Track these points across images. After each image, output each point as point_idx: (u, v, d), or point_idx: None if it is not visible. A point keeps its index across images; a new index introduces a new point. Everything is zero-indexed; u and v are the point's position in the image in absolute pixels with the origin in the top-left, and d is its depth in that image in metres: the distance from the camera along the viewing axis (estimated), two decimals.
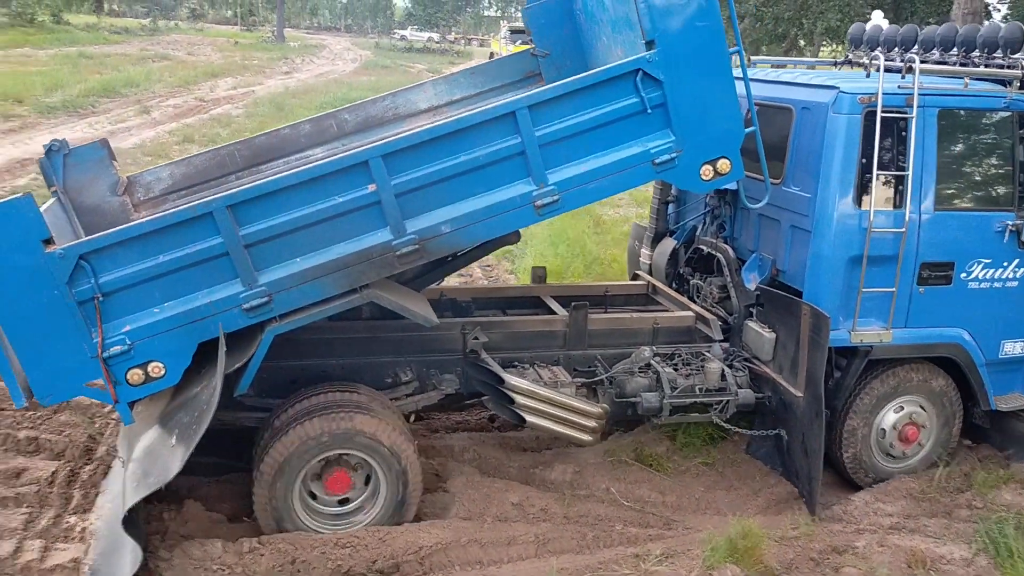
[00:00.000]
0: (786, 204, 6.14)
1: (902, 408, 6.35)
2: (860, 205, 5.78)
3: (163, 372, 4.85)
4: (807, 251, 5.94)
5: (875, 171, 5.67)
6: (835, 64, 7.48)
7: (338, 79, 37.02)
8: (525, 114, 4.96)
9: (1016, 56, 6.20)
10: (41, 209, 5.39)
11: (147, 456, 4.93)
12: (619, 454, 6.64)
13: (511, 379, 5.86)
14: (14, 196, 4.50)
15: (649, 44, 5.04)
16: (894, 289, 5.90)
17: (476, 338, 6.12)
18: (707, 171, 5.28)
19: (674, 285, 7.46)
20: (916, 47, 6.76)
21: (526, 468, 6.48)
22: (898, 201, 5.86)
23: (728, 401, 6.23)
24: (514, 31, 40.42)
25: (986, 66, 6.28)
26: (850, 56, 7.33)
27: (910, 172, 5.75)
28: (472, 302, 7.01)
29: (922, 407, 6.39)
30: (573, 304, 6.42)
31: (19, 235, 4.47)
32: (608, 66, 5.16)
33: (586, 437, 6.03)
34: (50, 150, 5.82)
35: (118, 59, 38.45)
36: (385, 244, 4.95)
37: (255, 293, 4.83)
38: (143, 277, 4.71)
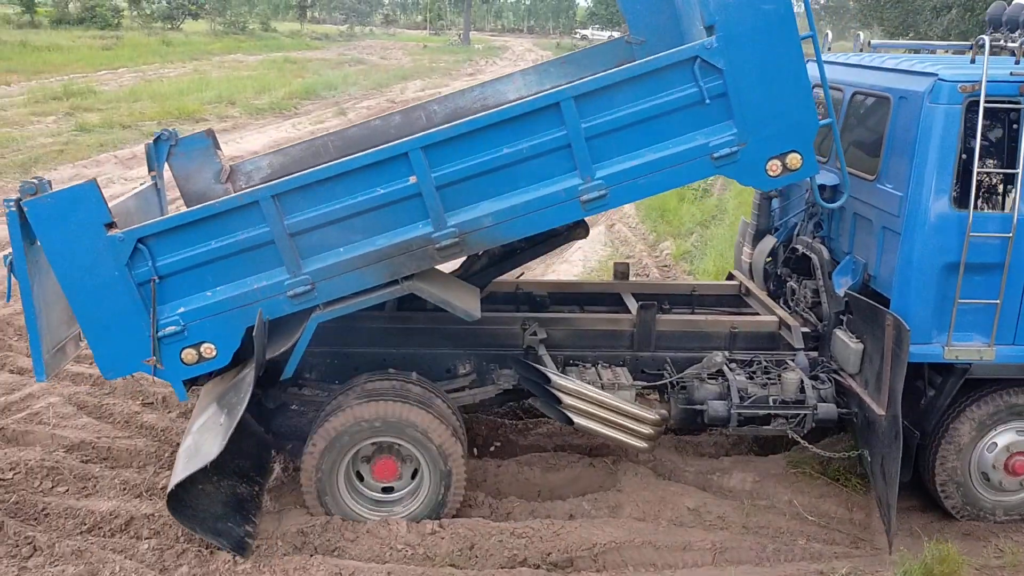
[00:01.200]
0: (879, 203, 5.61)
1: (1010, 436, 5.67)
2: (958, 206, 5.19)
3: (215, 353, 5.08)
4: (897, 255, 5.42)
5: (976, 168, 5.08)
6: (970, 49, 6.71)
7: None
8: (570, 105, 4.77)
9: None
10: (133, 193, 5.76)
11: (201, 431, 5.20)
12: (803, 466, 6.36)
13: (558, 378, 5.64)
14: (79, 182, 4.89)
15: (709, 29, 4.75)
16: (998, 301, 5.27)
17: (534, 334, 5.94)
18: (775, 166, 4.91)
19: (772, 287, 6.97)
20: None
21: (703, 473, 6.34)
22: (1006, 202, 5.22)
23: (805, 415, 5.77)
24: None
25: None
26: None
27: (1021, 170, 5.12)
28: (548, 296, 6.83)
29: None
30: (641, 303, 6.15)
31: (83, 219, 4.78)
32: (661, 54, 4.89)
33: (640, 444, 5.70)
34: (158, 139, 6.19)
35: (318, 63, 41.12)
36: (425, 236, 4.93)
37: (299, 281, 4.96)
38: (196, 262, 4.94)
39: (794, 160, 4.90)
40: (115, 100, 24.75)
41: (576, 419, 5.61)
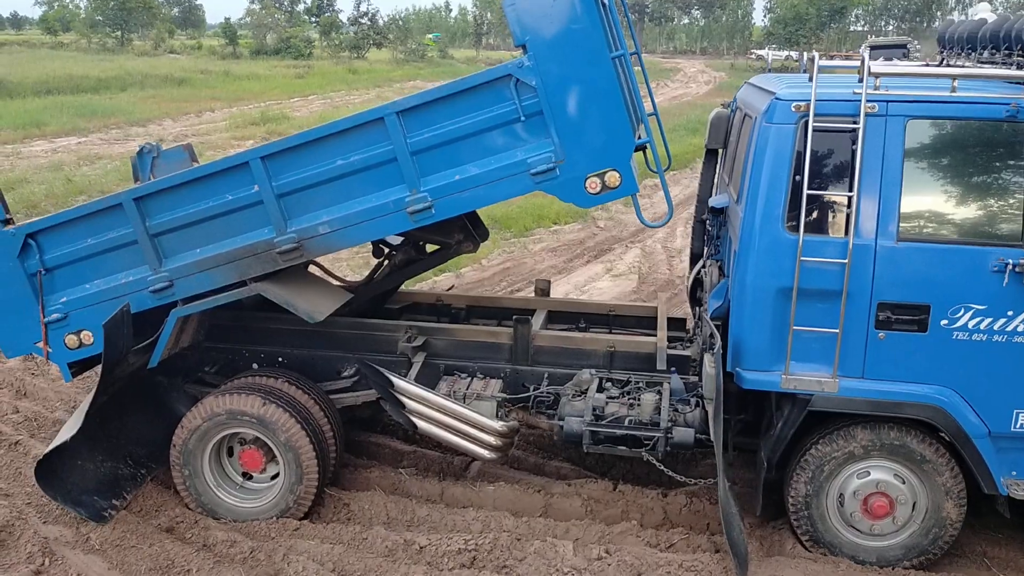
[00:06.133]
0: (736, 225, 5.27)
1: (868, 474, 5.10)
2: (792, 229, 4.80)
3: (92, 340, 5.56)
4: (734, 277, 5.15)
5: (805, 190, 4.70)
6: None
7: (691, 102, 37.12)
8: (394, 120, 4.95)
9: None
10: None
11: (78, 411, 5.63)
12: (994, 509, 5.87)
13: (400, 382, 5.65)
14: None
15: (522, 48, 4.80)
16: (838, 330, 4.79)
17: (410, 340, 5.98)
18: (594, 184, 4.96)
19: (697, 310, 6.66)
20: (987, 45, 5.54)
21: None
22: (847, 227, 4.77)
23: (658, 438, 5.44)
24: (875, 48, 37.56)
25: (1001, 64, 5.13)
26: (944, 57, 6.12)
27: (855, 193, 4.66)
28: (466, 309, 7.05)
29: (898, 477, 5.07)
30: (515, 317, 6.09)
31: None
32: (479, 72, 5.01)
33: (485, 453, 5.62)
34: (142, 151, 6.52)
35: None
36: (268, 241, 5.26)
37: (159, 278, 5.40)
38: (75, 256, 5.48)
39: (613, 178, 4.94)
40: (306, 125, 26.31)
41: (420, 424, 5.64)
